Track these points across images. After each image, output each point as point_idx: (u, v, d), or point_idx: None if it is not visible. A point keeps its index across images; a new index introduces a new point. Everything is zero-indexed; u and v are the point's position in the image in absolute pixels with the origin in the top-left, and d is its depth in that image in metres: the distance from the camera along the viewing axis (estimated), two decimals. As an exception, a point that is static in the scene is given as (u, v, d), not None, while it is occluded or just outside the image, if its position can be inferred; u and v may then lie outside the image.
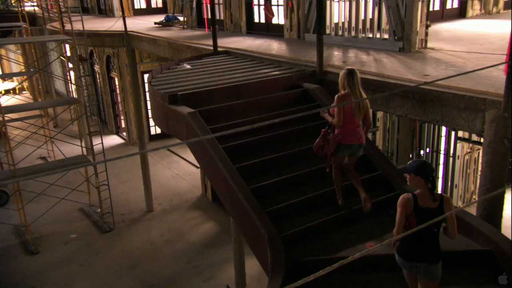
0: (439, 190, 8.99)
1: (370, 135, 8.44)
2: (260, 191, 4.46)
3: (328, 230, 4.29)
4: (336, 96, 4.30)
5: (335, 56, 6.56)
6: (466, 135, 8.44)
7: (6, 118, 9.48)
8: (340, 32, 7.56)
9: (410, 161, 3.26)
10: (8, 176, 9.10)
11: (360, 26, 7.22)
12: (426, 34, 6.43)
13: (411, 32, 6.23)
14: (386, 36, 6.83)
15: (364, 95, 4.24)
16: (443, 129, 8.64)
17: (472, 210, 4.88)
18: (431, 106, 4.53)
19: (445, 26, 8.49)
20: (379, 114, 8.52)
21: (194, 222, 10.51)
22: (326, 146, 4.29)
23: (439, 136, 8.96)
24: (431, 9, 8.25)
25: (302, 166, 4.92)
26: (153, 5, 16.18)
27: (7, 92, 21.61)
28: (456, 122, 4.37)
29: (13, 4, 14.85)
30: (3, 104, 9.78)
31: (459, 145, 8.81)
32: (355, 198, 4.41)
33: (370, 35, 7.09)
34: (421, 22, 6.26)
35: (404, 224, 3.15)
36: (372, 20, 7.09)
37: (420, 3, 6.08)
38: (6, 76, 18.32)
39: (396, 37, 6.47)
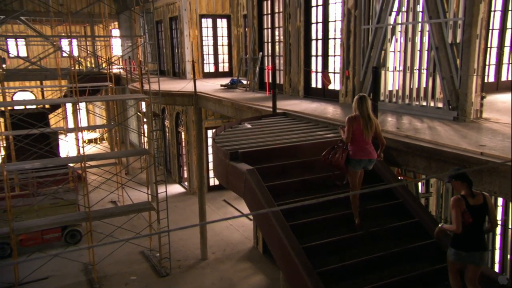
0: (497, 259, 8.26)
1: (423, 200, 8.05)
2: (312, 250, 4.33)
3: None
4: (347, 117, 4.75)
5: (389, 122, 6.47)
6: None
7: (87, 165, 10.15)
8: (394, 99, 7.50)
9: (448, 172, 3.97)
10: (83, 217, 9.55)
11: (414, 95, 7.13)
12: (481, 104, 6.20)
13: (466, 103, 6.04)
14: (440, 104, 6.66)
15: (373, 118, 4.69)
16: (499, 199, 8.03)
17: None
18: (488, 176, 4.27)
19: (500, 98, 8.15)
20: (432, 180, 8.13)
21: (245, 274, 10.29)
22: (332, 156, 4.76)
23: (495, 206, 8.33)
24: (486, 80, 8.01)
25: (355, 228, 4.76)
26: (221, 69, 17.08)
27: (90, 141, 23.30)
28: (516, 194, 4.06)
29: (104, 67, 16.34)
30: (86, 152, 10.49)
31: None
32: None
33: (424, 103, 6.95)
34: (476, 92, 6.07)
35: (462, 221, 3.62)
36: (426, 89, 6.98)
37: (475, 75, 5.94)
38: (91, 128, 19.93)
39: (450, 107, 6.30)
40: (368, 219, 4.90)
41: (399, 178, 6.66)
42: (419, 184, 7.96)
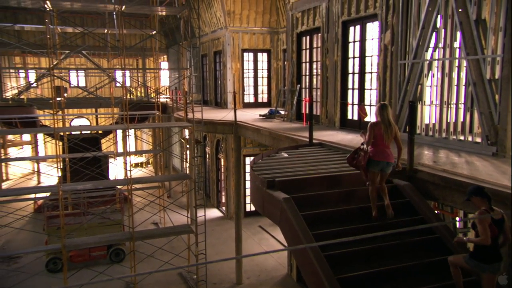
0: None
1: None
2: (346, 282, 4.21)
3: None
4: (369, 123, 5.11)
5: (425, 156, 6.29)
6: None
7: (133, 187, 10.49)
8: (430, 133, 7.31)
9: (469, 189, 3.97)
10: (127, 237, 9.80)
11: (451, 129, 6.92)
12: (522, 139, 5.92)
13: (505, 138, 5.79)
14: (478, 139, 6.42)
15: (393, 124, 5.05)
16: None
17: None
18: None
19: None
20: (471, 215, 7.72)
21: (278, 301, 10.08)
22: (357, 158, 5.11)
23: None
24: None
25: (391, 261, 4.59)
26: (260, 100, 17.37)
27: (136, 165, 24.12)
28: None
29: (152, 96, 17.07)
30: (132, 176, 10.87)
31: None
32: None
33: (462, 138, 6.72)
34: (516, 128, 5.82)
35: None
36: (463, 123, 6.76)
37: (514, 110, 5.71)
38: (138, 153, 20.75)
39: (489, 142, 6.06)
40: (405, 253, 4.73)
41: (436, 212, 6.40)
42: (457, 219, 7.59)
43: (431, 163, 5.71)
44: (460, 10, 6.43)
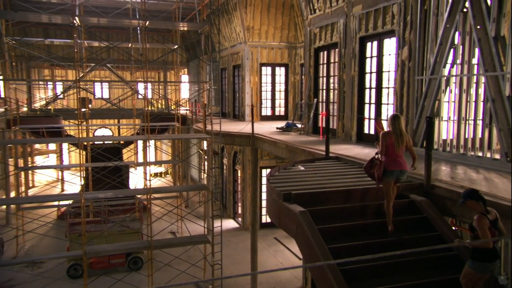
0: None
1: None
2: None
3: None
4: (381, 132, 5.20)
5: (443, 171, 6.18)
6: None
7: (152, 197, 10.60)
8: (448, 148, 7.18)
9: (463, 193, 4.06)
10: (145, 246, 9.87)
11: (469, 145, 6.79)
12: (543, 157, 5.76)
13: (525, 155, 5.66)
14: (497, 156, 6.27)
15: (405, 134, 5.09)
16: None
17: None
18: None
19: None
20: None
21: (293, 313, 9.94)
22: (373, 167, 5.20)
23: None
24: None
25: (408, 277, 4.50)
26: (277, 113, 17.43)
27: (156, 175, 24.38)
28: None
29: (172, 108, 17.33)
30: (152, 185, 10.99)
31: None
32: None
33: (480, 154, 6.58)
34: (536, 145, 5.67)
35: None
36: (481, 139, 6.63)
37: (535, 127, 5.58)
38: (158, 163, 20.99)
39: (508, 159, 5.91)
40: (422, 270, 4.63)
41: (453, 228, 6.24)
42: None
43: (449, 179, 5.60)
44: (478, 27, 6.37)
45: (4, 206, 16.38)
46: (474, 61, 6.64)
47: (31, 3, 16.26)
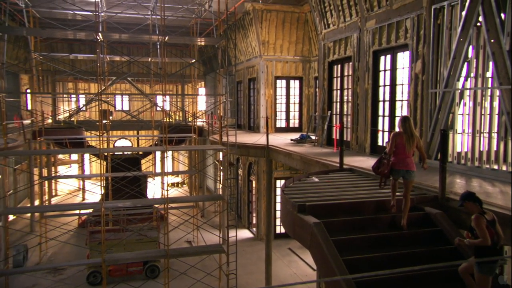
0: None
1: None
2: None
3: None
4: (392, 133, 5.41)
5: (458, 184, 6.07)
6: None
7: (169, 206, 10.68)
8: (462, 161, 7.06)
9: (461, 195, 4.23)
10: (162, 254, 9.92)
11: (484, 158, 6.66)
12: (561, 170, 5.61)
13: (542, 168, 5.52)
14: (513, 169, 6.14)
15: (415, 135, 5.18)
16: None
17: None
18: None
19: None
20: (507, 247, 7.30)
21: (307, 325, 9.79)
22: (381, 167, 5.34)
23: None
24: None
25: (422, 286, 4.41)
26: (291, 125, 17.44)
27: (173, 185, 24.57)
28: None
29: (190, 120, 17.53)
30: (169, 195, 11.08)
31: None
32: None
33: (495, 167, 6.45)
34: (553, 158, 5.53)
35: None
36: (497, 152, 6.50)
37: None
38: (175, 173, 21.16)
39: (525, 171, 5.78)
40: (438, 283, 4.54)
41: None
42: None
43: (464, 192, 5.49)
44: (492, 40, 6.31)
45: (29, 214, 16.73)
46: (488, 74, 6.56)
47: (58, 20, 16.82)
